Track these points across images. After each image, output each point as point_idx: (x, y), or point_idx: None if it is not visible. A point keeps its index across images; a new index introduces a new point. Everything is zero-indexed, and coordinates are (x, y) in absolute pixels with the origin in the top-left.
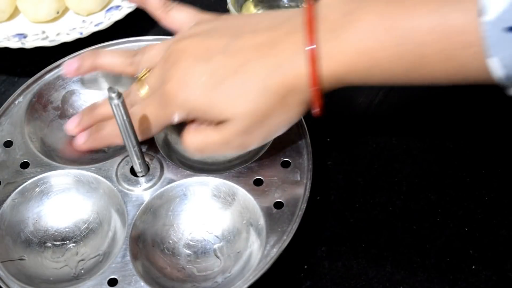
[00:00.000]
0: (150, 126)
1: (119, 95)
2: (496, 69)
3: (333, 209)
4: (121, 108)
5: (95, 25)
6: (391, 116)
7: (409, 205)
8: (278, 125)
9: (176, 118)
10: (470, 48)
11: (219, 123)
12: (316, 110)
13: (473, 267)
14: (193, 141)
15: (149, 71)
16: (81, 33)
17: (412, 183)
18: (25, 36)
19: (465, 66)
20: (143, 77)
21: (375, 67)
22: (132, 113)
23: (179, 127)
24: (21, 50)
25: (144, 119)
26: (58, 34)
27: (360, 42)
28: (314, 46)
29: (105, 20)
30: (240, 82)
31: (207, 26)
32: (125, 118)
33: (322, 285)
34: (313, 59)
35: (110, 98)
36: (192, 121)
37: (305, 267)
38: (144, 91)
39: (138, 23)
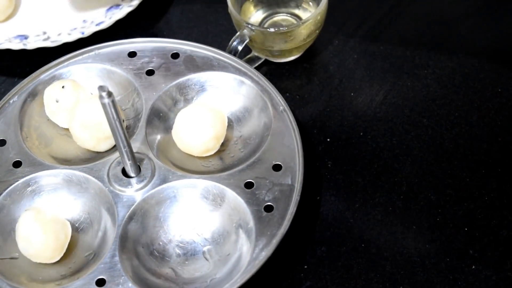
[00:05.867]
0: None
1: (110, 94)
2: None
3: (333, 209)
4: (112, 107)
5: (96, 25)
6: (391, 116)
7: (409, 205)
8: None
9: None
10: None
11: None
12: None
13: (473, 267)
14: None
15: None
16: (83, 33)
17: (412, 183)
18: (26, 37)
19: None
20: None
21: None
22: None
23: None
24: (21, 50)
25: None
26: (59, 35)
27: None
28: None
29: (106, 19)
30: None
31: None
32: (115, 117)
33: (322, 285)
34: None
35: (101, 97)
36: None
37: (305, 267)
38: None
39: (139, 22)
